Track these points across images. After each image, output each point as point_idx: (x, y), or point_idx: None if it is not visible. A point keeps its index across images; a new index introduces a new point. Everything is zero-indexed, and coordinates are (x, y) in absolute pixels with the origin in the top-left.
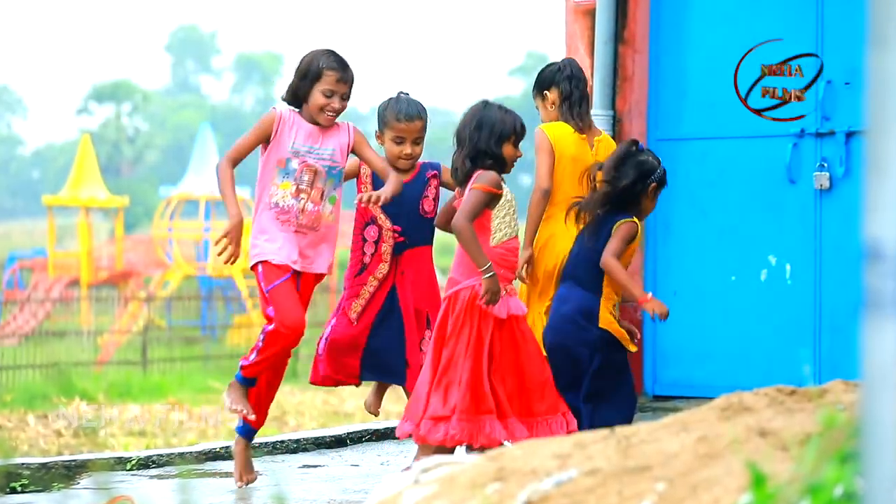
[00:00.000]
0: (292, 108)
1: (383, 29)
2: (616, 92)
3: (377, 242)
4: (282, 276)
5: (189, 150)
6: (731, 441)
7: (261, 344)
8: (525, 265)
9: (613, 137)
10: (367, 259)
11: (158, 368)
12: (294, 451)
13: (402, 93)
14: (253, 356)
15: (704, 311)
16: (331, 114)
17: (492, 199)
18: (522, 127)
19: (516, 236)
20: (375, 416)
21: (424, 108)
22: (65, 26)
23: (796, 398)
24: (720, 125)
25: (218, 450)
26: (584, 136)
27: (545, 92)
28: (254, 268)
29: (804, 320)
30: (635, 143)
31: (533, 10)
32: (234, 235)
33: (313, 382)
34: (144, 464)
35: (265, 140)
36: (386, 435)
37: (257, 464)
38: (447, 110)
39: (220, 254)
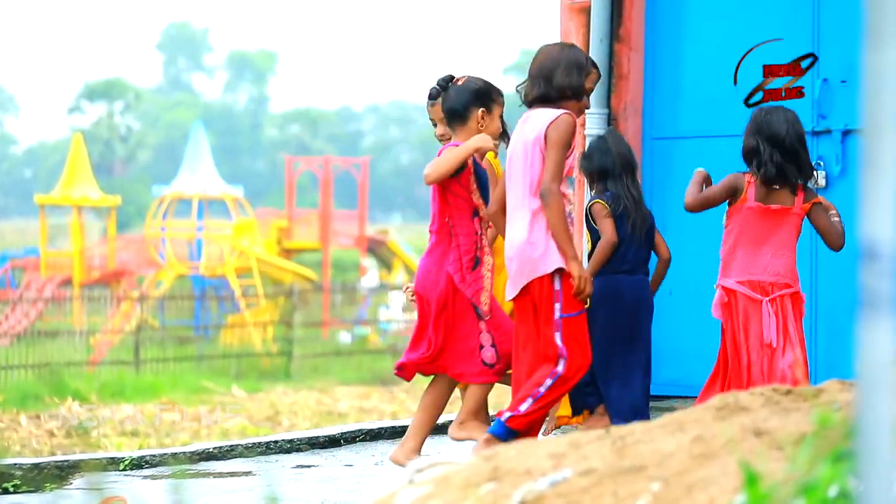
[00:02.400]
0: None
1: (377, 27)
2: (611, 90)
3: (481, 234)
4: (582, 304)
5: (182, 148)
6: (727, 441)
7: (544, 389)
8: None
9: None
10: (479, 252)
11: (151, 368)
12: (288, 451)
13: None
14: (526, 404)
15: (700, 310)
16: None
17: None
18: None
19: None
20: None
21: (443, 87)
22: (56, 24)
23: (792, 398)
24: (716, 123)
25: (211, 450)
26: None
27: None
28: (551, 276)
29: None
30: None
31: (527, 8)
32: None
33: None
34: (137, 464)
35: None
36: (379, 435)
37: (249, 463)
38: None
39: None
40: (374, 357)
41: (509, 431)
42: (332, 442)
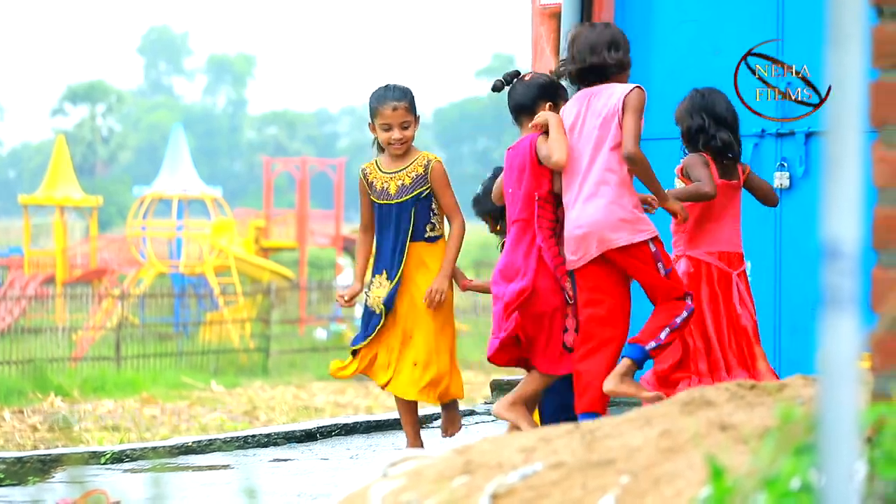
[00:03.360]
0: None
1: (352, 32)
2: None
3: (558, 222)
4: (671, 261)
5: (162, 150)
6: (693, 435)
7: (680, 320)
8: None
9: None
10: (558, 239)
11: (132, 364)
12: (265, 446)
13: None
14: (665, 333)
15: None
16: None
17: None
18: None
19: None
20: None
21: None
22: (39, 29)
23: (756, 393)
24: None
25: (190, 444)
26: None
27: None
28: (645, 244)
29: (765, 316)
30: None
31: (499, 13)
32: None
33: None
34: (118, 458)
35: None
36: (354, 429)
37: (227, 457)
38: None
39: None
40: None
41: (647, 356)
42: (309, 436)
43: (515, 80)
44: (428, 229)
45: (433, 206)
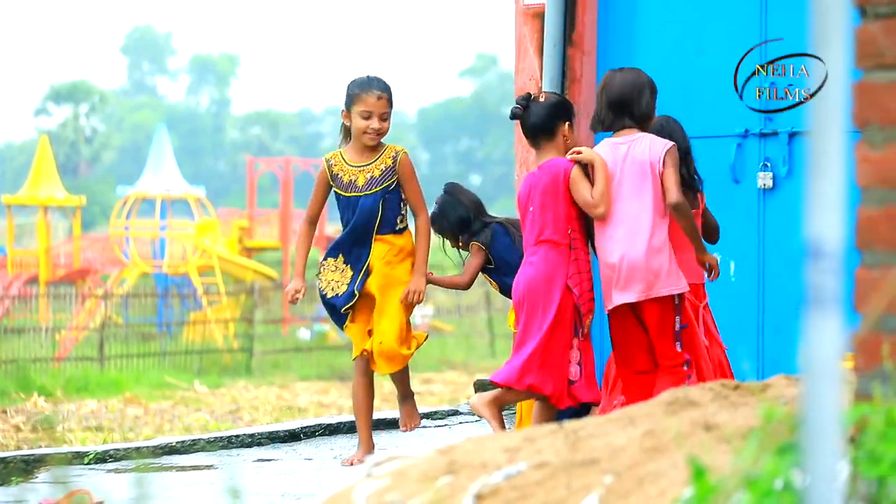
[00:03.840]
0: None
1: (335, 32)
2: (565, 93)
3: (590, 255)
4: (690, 318)
5: (145, 150)
6: (677, 435)
7: None
8: None
9: None
10: (591, 274)
11: (115, 364)
12: (249, 446)
13: None
14: None
15: None
16: None
17: None
18: None
19: None
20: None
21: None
22: (22, 28)
23: (740, 393)
24: None
25: (174, 444)
26: None
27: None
28: (672, 298)
29: (748, 316)
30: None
31: (483, 12)
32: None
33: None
34: (102, 458)
35: None
36: (338, 429)
37: (211, 457)
38: (398, 111)
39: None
40: (332, 353)
41: None
42: (292, 436)
43: (529, 102)
44: (398, 221)
45: (403, 196)
